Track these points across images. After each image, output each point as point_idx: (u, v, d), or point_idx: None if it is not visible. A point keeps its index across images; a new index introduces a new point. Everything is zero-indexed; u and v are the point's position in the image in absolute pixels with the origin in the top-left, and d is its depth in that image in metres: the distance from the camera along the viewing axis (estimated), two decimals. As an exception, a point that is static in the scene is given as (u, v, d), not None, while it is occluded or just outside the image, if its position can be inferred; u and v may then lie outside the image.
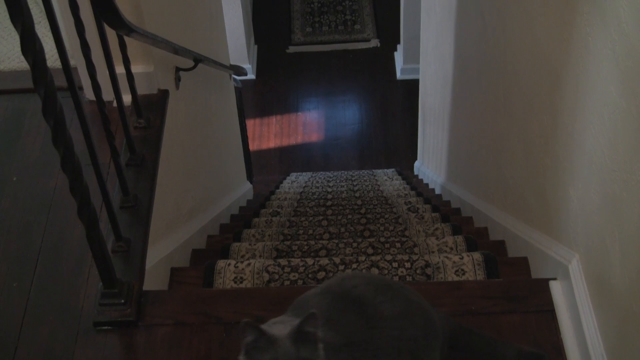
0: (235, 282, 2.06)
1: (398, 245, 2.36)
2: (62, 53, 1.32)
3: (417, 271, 2.05)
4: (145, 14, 1.94)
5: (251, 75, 6.08)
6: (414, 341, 1.23)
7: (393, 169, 5.19)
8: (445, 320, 1.38)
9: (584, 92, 1.45)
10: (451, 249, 2.33)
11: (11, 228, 1.83)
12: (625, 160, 1.24)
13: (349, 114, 5.91)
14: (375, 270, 2.06)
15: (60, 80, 1.27)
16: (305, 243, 2.42)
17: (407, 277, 2.04)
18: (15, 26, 1.09)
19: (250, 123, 5.66)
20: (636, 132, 1.18)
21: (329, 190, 4.26)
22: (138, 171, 1.91)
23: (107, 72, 1.70)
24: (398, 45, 6.11)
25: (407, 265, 2.07)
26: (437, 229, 2.65)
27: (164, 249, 2.09)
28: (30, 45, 1.12)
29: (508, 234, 2.28)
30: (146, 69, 2.06)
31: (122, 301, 1.60)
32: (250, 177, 4.54)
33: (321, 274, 2.07)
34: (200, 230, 2.67)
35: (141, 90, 2.01)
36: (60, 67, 1.33)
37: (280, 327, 1.09)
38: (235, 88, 3.95)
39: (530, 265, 2.00)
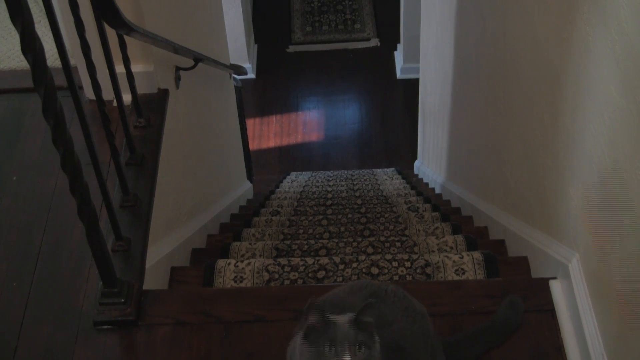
0: (235, 282, 2.06)
1: (398, 244, 2.36)
2: (62, 52, 1.32)
3: (417, 270, 2.05)
4: (146, 13, 1.94)
5: (251, 75, 6.08)
6: (435, 339, 1.32)
7: (393, 168, 5.19)
8: None
9: (584, 92, 1.45)
10: (451, 248, 2.33)
11: (11, 228, 1.83)
12: (625, 160, 1.24)
13: (349, 113, 5.90)
14: (375, 270, 2.06)
15: (60, 80, 1.27)
16: (305, 242, 2.42)
17: (407, 276, 2.04)
18: (15, 25, 1.09)
19: (250, 122, 5.65)
20: (636, 132, 1.18)
21: (329, 189, 4.26)
22: (138, 170, 1.91)
23: (107, 72, 1.70)
24: (398, 45, 6.10)
25: (407, 264, 2.07)
26: (437, 228, 2.65)
27: (164, 248, 2.09)
28: (30, 45, 1.12)
29: (508, 233, 2.28)
30: (146, 68, 2.06)
31: (122, 300, 1.60)
32: (250, 176, 4.54)
33: (321, 273, 2.07)
34: (200, 230, 2.67)
35: (141, 89, 2.01)
36: (60, 66, 1.33)
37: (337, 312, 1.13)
38: (235, 87, 3.95)
39: (530, 264, 2.00)
